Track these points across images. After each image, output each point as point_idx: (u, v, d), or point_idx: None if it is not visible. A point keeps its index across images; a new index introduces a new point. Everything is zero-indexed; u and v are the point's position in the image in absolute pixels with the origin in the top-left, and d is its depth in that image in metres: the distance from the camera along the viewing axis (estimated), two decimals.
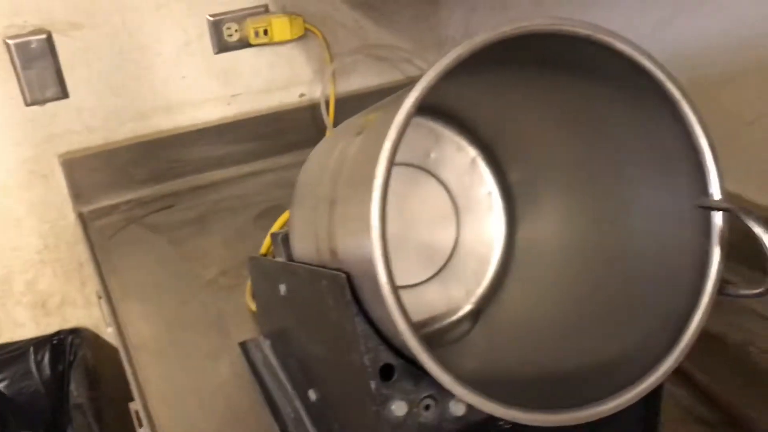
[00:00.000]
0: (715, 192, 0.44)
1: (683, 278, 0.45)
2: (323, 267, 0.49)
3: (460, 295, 0.65)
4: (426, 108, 0.64)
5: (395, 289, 0.38)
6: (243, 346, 0.79)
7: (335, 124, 1.19)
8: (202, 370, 0.78)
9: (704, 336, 0.54)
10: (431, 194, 0.66)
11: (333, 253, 0.47)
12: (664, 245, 0.47)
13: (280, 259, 0.62)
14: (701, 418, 0.68)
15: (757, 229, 0.39)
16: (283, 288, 0.61)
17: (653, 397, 0.53)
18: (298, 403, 0.68)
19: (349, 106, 1.19)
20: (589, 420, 0.42)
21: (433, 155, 0.65)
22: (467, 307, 0.65)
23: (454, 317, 0.65)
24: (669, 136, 0.45)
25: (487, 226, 0.66)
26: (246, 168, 1.22)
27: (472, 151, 0.66)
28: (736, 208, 0.40)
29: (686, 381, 0.71)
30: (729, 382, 0.71)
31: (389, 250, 0.39)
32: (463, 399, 0.39)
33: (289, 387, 0.70)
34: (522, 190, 0.64)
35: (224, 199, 1.15)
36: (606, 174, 0.54)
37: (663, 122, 0.45)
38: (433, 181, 0.66)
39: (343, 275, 0.45)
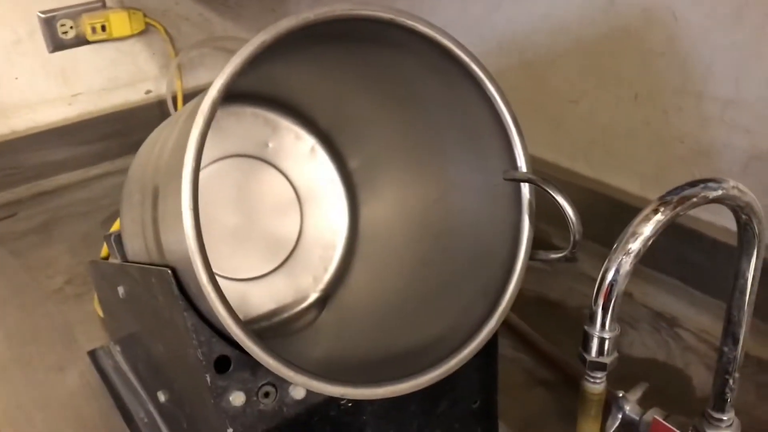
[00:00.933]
0: (522, 165, 0.47)
1: (499, 249, 0.48)
2: (152, 264, 0.48)
3: (307, 283, 0.66)
4: (261, 98, 0.64)
5: (213, 277, 0.38)
6: (92, 354, 0.76)
7: None
8: (48, 383, 0.75)
9: (545, 303, 0.58)
10: (272, 184, 0.66)
11: (159, 249, 0.46)
12: (480, 220, 0.49)
13: (115, 260, 0.60)
14: (543, 380, 0.72)
15: (558, 197, 0.42)
16: (121, 290, 0.59)
17: (488, 362, 0.56)
18: (150, 407, 0.67)
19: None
20: (412, 390, 0.44)
21: (271, 145, 0.66)
22: (315, 295, 0.66)
23: (303, 305, 0.65)
24: (479, 115, 0.48)
25: (330, 214, 0.67)
26: (93, 170, 1.17)
27: (310, 140, 0.66)
28: (537, 179, 0.43)
29: (529, 346, 0.75)
30: (568, 344, 0.76)
31: (214, 241, 0.39)
32: (291, 380, 0.39)
33: (141, 391, 0.69)
34: (361, 176, 0.66)
35: (70, 204, 1.10)
36: (432, 155, 0.56)
37: (472, 102, 0.47)
38: (273, 171, 0.66)
39: (168, 270, 0.44)
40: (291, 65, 0.57)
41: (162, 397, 0.60)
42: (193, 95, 1.20)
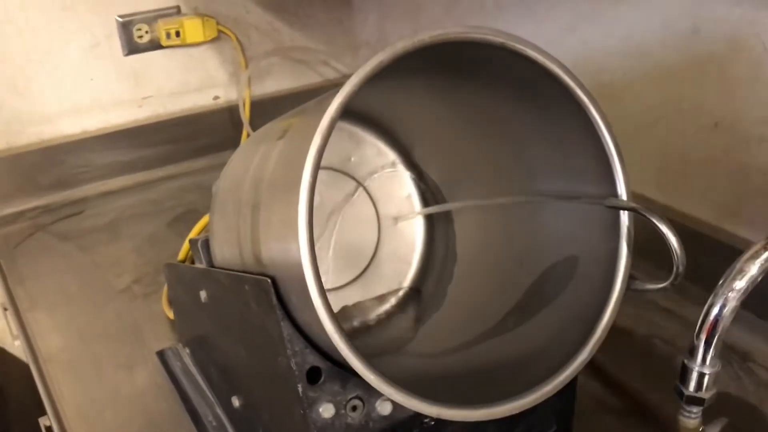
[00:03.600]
0: (622, 192, 0.46)
1: (594, 275, 0.48)
2: (247, 272, 0.49)
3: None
4: (346, 112, 0.65)
5: (323, 292, 0.38)
6: (161, 354, 0.77)
7: (253, 127, 1.18)
8: (118, 381, 0.76)
9: (613, 330, 0.57)
10: (352, 197, 0.66)
11: (257, 258, 0.47)
12: (574, 244, 0.49)
13: (200, 265, 0.61)
14: (612, 408, 0.72)
15: (662, 227, 0.41)
16: (203, 295, 0.60)
17: (568, 389, 0.56)
18: (219, 411, 0.68)
19: (264, 109, 1.18)
20: (509, 414, 0.44)
21: (353, 159, 0.66)
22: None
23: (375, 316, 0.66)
24: (576, 139, 0.48)
25: (407, 229, 0.68)
26: (159, 172, 1.19)
27: (391, 155, 0.67)
28: (641, 207, 0.43)
29: (598, 373, 0.75)
30: (636, 372, 0.75)
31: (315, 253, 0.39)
32: (391, 397, 0.40)
33: (210, 395, 0.70)
34: (439, 193, 0.66)
35: (136, 204, 1.12)
36: (516, 176, 0.56)
37: (570, 126, 0.47)
38: (353, 184, 0.67)
39: (268, 280, 0.45)
40: (383, 83, 0.58)
41: (236, 402, 0.61)
42: (260, 103, 1.22)
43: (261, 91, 1.25)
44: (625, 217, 0.46)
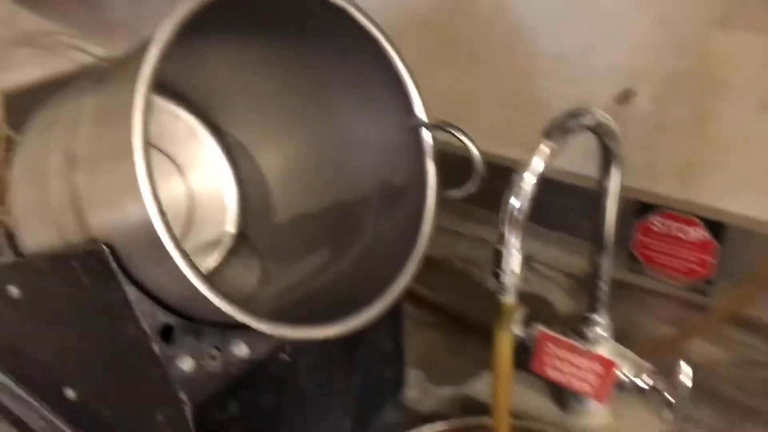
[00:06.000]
0: (420, 114, 0.52)
1: (409, 192, 0.53)
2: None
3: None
4: None
5: (173, 235, 0.38)
6: None
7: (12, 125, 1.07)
8: None
9: (431, 262, 0.64)
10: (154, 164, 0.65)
11: (84, 230, 0.46)
12: (387, 168, 0.54)
13: (4, 259, 0.57)
14: (430, 324, 0.79)
15: (464, 138, 0.47)
16: (14, 291, 0.56)
17: (395, 309, 0.61)
18: (47, 411, 0.64)
19: (22, 103, 1.09)
20: (353, 329, 0.47)
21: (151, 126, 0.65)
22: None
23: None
24: (373, 73, 0.52)
25: (215, 182, 0.68)
26: None
27: (189, 118, 0.67)
28: (443, 123, 0.48)
29: (410, 297, 0.81)
30: (442, 289, 0.83)
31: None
32: (251, 324, 0.41)
33: (31, 399, 0.65)
34: (244, 149, 0.67)
35: None
36: (321, 116, 0.59)
37: (366, 61, 0.52)
38: (154, 151, 0.65)
39: (104, 247, 0.44)
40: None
41: (71, 393, 0.58)
42: (15, 97, 1.12)
43: (11, 83, 1.14)
44: (426, 137, 0.52)
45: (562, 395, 0.68)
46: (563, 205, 0.84)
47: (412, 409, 0.67)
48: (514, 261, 0.49)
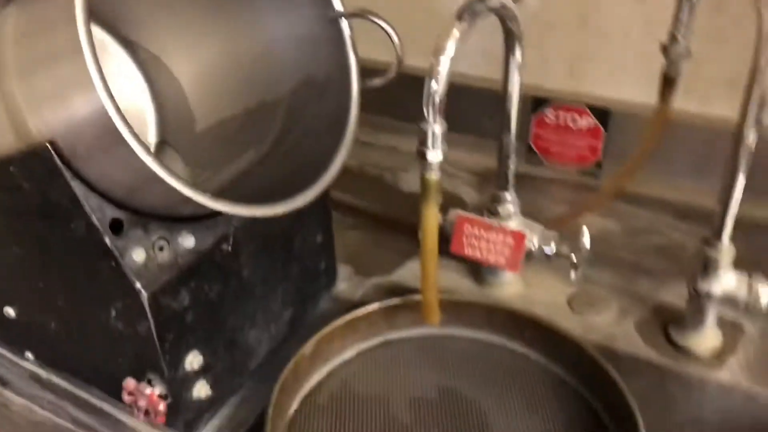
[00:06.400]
0: (338, 4, 0.54)
1: (333, 85, 0.56)
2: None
3: None
4: None
5: (124, 118, 0.40)
6: None
7: None
8: None
9: (347, 171, 0.67)
10: None
11: (21, 131, 0.46)
12: (308, 63, 0.56)
13: None
14: (353, 225, 0.84)
15: (383, 24, 0.50)
16: None
17: (324, 204, 0.65)
18: None
19: None
20: (283, 211, 0.50)
21: None
22: None
23: None
24: None
25: (131, 97, 0.68)
26: None
27: (97, 32, 0.66)
28: (362, 11, 0.51)
29: (333, 203, 0.85)
30: (360, 194, 0.87)
31: None
32: (197, 200, 0.43)
33: None
34: (158, 55, 0.67)
35: None
36: (236, 13, 0.60)
37: None
38: None
39: (46, 144, 0.44)
40: None
41: (12, 312, 0.59)
42: None
43: None
44: (345, 27, 0.55)
45: (478, 272, 0.74)
46: (466, 108, 0.90)
47: (345, 299, 0.72)
48: (436, 139, 0.53)
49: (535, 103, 0.87)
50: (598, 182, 0.87)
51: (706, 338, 0.64)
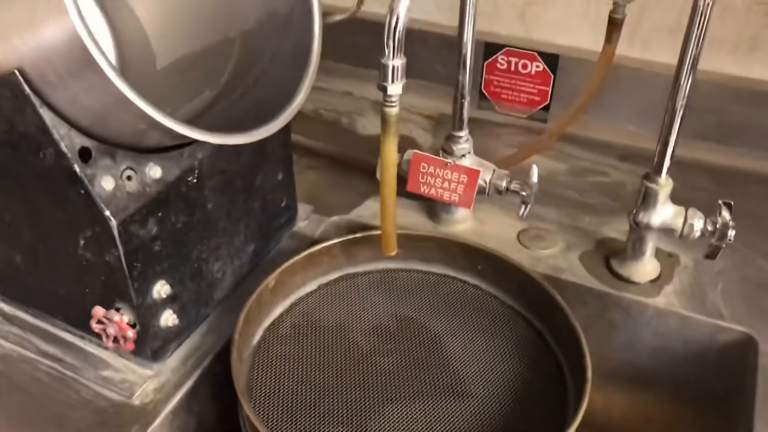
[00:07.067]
0: None
1: (294, 21, 0.57)
2: None
3: None
4: None
5: (94, 39, 0.41)
6: None
7: None
8: None
9: (303, 116, 0.69)
10: None
11: None
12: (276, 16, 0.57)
13: None
14: (310, 166, 0.85)
15: None
16: None
17: (285, 142, 0.67)
18: None
19: None
20: (259, 137, 0.52)
21: None
22: None
23: None
24: None
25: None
26: None
27: None
28: None
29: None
30: (317, 136, 0.89)
31: None
32: (163, 122, 0.44)
33: None
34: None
35: None
36: None
37: None
38: None
39: (15, 71, 0.45)
40: None
41: None
42: None
43: None
44: None
45: (433, 210, 0.77)
46: (420, 53, 0.92)
47: (305, 236, 0.74)
48: (396, 73, 0.55)
49: (487, 49, 0.90)
50: (547, 126, 0.90)
51: (645, 268, 0.69)
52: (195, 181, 0.57)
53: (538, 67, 0.88)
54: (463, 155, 0.71)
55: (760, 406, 0.56)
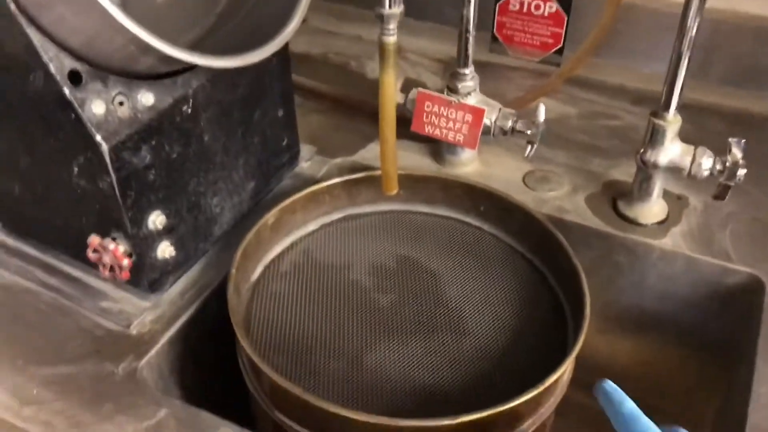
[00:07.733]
0: None
1: None
2: None
3: None
4: None
5: None
6: None
7: None
8: None
9: (296, 55, 0.67)
10: None
11: None
12: None
13: None
14: (314, 109, 0.84)
15: None
16: None
17: (285, 79, 0.66)
18: None
19: None
20: (254, 61, 0.51)
21: None
22: None
23: None
24: None
25: None
26: None
27: None
28: None
29: (296, 88, 0.86)
30: (322, 79, 0.87)
31: None
32: (149, 42, 0.44)
33: None
34: None
35: None
36: None
37: None
38: None
39: None
40: None
41: None
42: None
43: None
44: None
45: (438, 152, 0.76)
46: None
47: (308, 177, 0.73)
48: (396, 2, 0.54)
49: None
50: (559, 70, 0.88)
51: (652, 209, 0.67)
52: (189, 111, 0.56)
53: (551, 7, 0.85)
54: (468, 93, 0.70)
55: (762, 345, 0.55)
